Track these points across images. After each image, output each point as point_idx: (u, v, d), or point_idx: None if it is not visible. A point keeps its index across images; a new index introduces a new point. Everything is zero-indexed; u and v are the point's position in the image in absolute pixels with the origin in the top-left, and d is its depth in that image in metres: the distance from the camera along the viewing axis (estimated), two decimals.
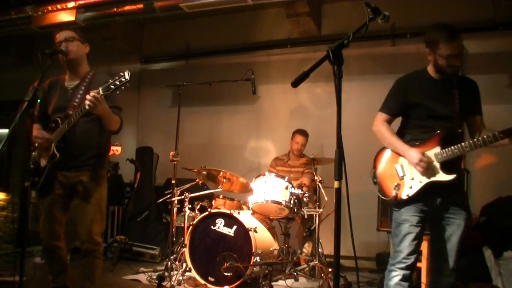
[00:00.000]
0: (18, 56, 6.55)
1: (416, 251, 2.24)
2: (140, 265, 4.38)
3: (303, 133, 4.57)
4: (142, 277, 3.89)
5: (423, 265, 3.28)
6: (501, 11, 4.41)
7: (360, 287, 3.82)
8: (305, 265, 3.89)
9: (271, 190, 3.74)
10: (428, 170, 2.19)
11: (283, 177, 3.87)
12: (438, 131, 2.21)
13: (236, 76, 4.38)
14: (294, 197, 3.81)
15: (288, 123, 4.97)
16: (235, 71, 4.54)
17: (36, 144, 2.64)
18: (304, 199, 3.88)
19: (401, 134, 2.38)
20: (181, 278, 3.61)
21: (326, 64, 1.69)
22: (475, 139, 2.12)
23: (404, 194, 2.23)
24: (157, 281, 3.40)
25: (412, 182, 2.23)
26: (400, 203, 2.27)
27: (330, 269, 3.67)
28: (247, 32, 5.59)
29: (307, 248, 4.18)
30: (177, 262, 3.81)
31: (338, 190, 1.62)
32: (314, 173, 4.10)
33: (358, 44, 4.65)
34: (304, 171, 4.49)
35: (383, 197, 2.32)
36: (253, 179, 3.94)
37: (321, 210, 3.85)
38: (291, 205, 3.75)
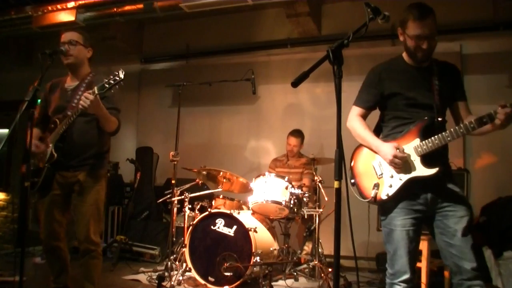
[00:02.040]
0: (18, 56, 6.55)
1: (414, 257, 2.03)
2: (140, 265, 4.38)
3: (295, 134, 4.57)
4: (142, 277, 3.89)
5: (423, 265, 3.28)
6: (501, 11, 4.42)
7: (360, 287, 3.82)
8: (305, 265, 3.89)
9: (271, 190, 3.74)
10: (406, 165, 1.99)
11: (283, 177, 3.86)
12: (416, 122, 2.02)
13: (236, 76, 4.38)
14: (294, 197, 3.81)
15: (288, 123, 4.97)
16: (235, 71, 4.54)
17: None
18: (304, 199, 3.88)
19: (379, 128, 2.22)
20: (181, 278, 3.61)
21: (326, 64, 1.69)
22: (456, 127, 1.93)
23: (384, 193, 2.02)
24: (157, 281, 3.40)
25: (391, 180, 2.02)
26: (386, 209, 2.05)
27: (330, 269, 3.67)
28: (247, 32, 5.59)
29: (307, 248, 4.18)
30: (177, 262, 3.81)
31: (338, 190, 1.62)
32: (314, 173, 4.10)
33: (358, 44, 4.65)
34: (303, 172, 4.49)
35: (362, 199, 2.10)
36: (253, 179, 3.94)
37: (321, 210, 3.85)
38: (291, 205, 3.75)
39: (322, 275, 3.64)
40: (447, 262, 2.03)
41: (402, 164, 1.99)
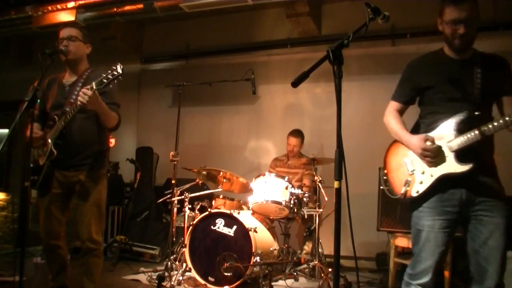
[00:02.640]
0: (18, 56, 6.56)
1: (440, 262, 1.92)
2: (140, 265, 4.38)
3: (295, 134, 4.57)
4: (142, 277, 3.89)
5: None
6: (501, 11, 4.41)
7: (360, 287, 3.82)
8: (305, 265, 3.89)
9: (271, 190, 3.74)
10: (438, 162, 1.91)
11: (283, 177, 3.86)
12: (452, 116, 1.92)
13: (236, 76, 4.38)
14: (294, 197, 3.81)
15: (288, 123, 4.97)
16: (235, 71, 4.54)
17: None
18: (304, 199, 3.88)
19: (417, 124, 2.13)
20: (181, 278, 3.60)
21: (326, 64, 1.69)
22: (495, 122, 1.81)
23: (414, 190, 1.96)
24: (157, 281, 3.40)
25: (422, 177, 1.95)
26: (416, 207, 1.98)
27: (330, 269, 3.67)
28: (247, 32, 5.59)
29: (307, 248, 4.18)
30: (177, 262, 3.80)
31: (338, 190, 1.61)
32: (314, 173, 4.10)
33: (358, 44, 4.64)
34: (304, 173, 4.49)
35: (392, 196, 2.06)
36: (253, 179, 3.94)
37: (321, 210, 3.85)
38: (291, 205, 3.75)
39: (322, 275, 3.64)
40: (471, 268, 1.92)
41: (433, 156, 1.91)
